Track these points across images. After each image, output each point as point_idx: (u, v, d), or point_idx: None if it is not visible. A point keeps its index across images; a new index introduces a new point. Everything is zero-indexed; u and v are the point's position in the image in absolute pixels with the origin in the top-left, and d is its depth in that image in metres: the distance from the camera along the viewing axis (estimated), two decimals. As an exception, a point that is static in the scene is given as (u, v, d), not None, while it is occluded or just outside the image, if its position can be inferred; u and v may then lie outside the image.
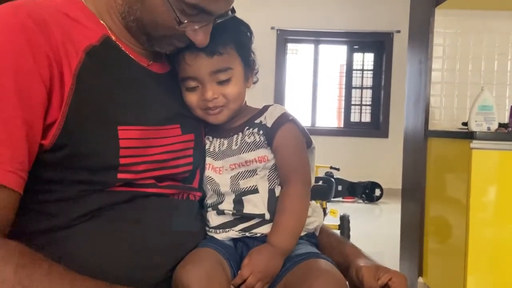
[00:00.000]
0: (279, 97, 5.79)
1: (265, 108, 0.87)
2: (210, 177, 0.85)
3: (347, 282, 0.82)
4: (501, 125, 2.08)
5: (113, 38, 0.76)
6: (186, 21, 0.73)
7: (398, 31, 5.60)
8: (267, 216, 0.81)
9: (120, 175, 0.71)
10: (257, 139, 0.83)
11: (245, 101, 0.88)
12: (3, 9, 0.66)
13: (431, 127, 2.40)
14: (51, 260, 0.62)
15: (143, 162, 0.74)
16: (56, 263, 0.62)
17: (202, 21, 0.75)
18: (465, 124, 2.17)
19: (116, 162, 0.70)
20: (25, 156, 0.64)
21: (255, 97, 0.87)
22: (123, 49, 0.77)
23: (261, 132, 0.84)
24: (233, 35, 0.81)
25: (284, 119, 0.84)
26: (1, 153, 0.61)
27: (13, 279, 0.58)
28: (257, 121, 0.85)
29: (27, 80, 0.64)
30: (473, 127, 2.03)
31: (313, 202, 0.86)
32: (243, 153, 0.83)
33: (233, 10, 0.80)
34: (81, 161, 0.69)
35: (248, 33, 0.85)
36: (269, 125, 0.83)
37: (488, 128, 2.02)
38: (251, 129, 0.85)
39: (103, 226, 0.71)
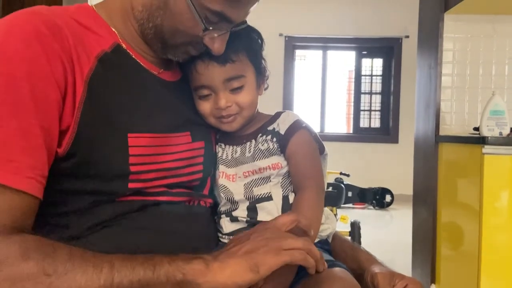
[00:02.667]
0: (287, 104, 5.79)
1: (278, 114, 0.87)
2: (224, 185, 0.85)
3: (361, 289, 0.82)
4: (513, 129, 2.07)
5: (124, 46, 0.76)
6: (211, 28, 0.73)
7: (407, 36, 5.59)
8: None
9: (130, 184, 0.71)
10: (271, 146, 0.84)
11: (257, 108, 0.89)
12: (17, 16, 0.67)
13: (442, 132, 2.38)
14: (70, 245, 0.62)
15: (153, 170, 0.74)
16: (76, 247, 0.62)
17: (221, 29, 0.75)
18: (476, 129, 2.15)
19: (126, 170, 0.71)
20: (45, 163, 0.65)
21: (264, 104, 0.87)
22: (133, 57, 0.77)
23: (274, 139, 0.84)
24: (245, 43, 0.82)
25: (297, 126, 0.84)
26: (21, 160, 0.62)
27: (37, 272, 0.58)
28: (270, 128, 0.86)
29: (43, 86, 0.64)
30: (485, 132, 2.01)
31: (326, 209, 0.86)
32: (257, 160, 0.83)
33: (245, 21, 0.81)
34: (91, 170, 0.69)
35: (259, 40, 0.86)
36: (282, 132, 0.84)
37: (500, 133, 2.00)
38: (264, 136, 0.85)
39: (116, 235, 0.71)
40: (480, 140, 1.91)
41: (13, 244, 0.59)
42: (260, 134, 0.85)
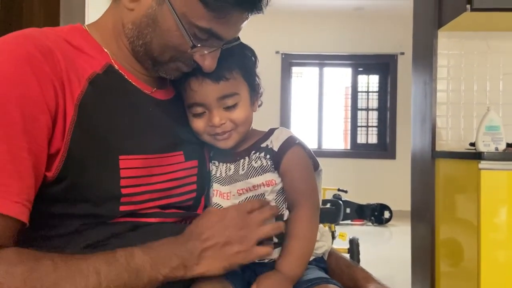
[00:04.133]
0: (285, 120, 5.81)
1: (271, 131, 0.87)
2: (218, 204, 0.84)
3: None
4: (509, 145, 2.07)
5: (116, 66, 0.76)
6: (199, 45, 0.74)
7: (402, 53, 5.65)
8: (275, 240, 0.80)
9: (122, 207, 0.71)
10: (264, 163, 0.83)
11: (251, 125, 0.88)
12: (9, 39, 0.67)
13: (438, 148, 2.38)
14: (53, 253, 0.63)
15: (145, 192, 0.73)
16: (57, 255, 0.63)
17: (212, 46, 0.76)
18: (472, 144, 2.15)
19: (117, 193, 0.70)
20: (32, 187, 0.64)
21: (261, 121, 0.87)
22: (126, 77, 0.77)
23: (267, 156, 0.83)
24: (238, 60, 0.82)
25: (291, 142, 0.84)
26: (9, 184, 0.61)
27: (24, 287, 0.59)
28: (263, 145, 0.85)
29: (33, 110, 0.64)
30: (481, 147, 2.02)
31: (321, 226, 0.86)
32: (250, 178, 0.83)
33: (238, 38, 0.81)
34: (81, 193, 0.68)
35: (253, 57, 0.86)
36: (275, 148, 0.83)
37: (496, 149, 2.01)
38: (257, 153, 0.84)
39: None
40: (476, 156, 1.91)
41: None
42: (253, 151, 0.85)
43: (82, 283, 0.61)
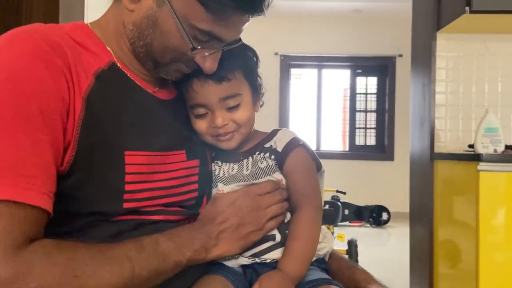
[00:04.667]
0: (283, 122, 5.81)
1: (274, 132, 0.87)
2: None
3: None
4: (507, 147, 2.08)
5: (119, 65, 0.77)
6: (199, 47, 0.74)
7: (401, 55, 5.66)
8: (278, 238, 0.81)
9: (125, 204, 0.71)
10: (270, 164, 0.83)
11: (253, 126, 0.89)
12: (16, 34, 0.67)
13: (436, 150, 2.39)
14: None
15: (148, 189, 0.73)
16: (90, 244, 0.65)
17: (212, 48, 0.76)
18: (471, 146, 2.16)
19: (122, 188, 0.70)
20: (54, 179, 0.65)
21: (260, 122, 0.87)
22: (129, 75, 0.77)
23: (272, 156, 0.84)
24: (240, 61, 0.82)
25: (295, 143, 0.84)
26: (35, 176, 0.62)
27: (66, 275, 0.61)
28: (267, 145, 0.85)
29: (50, 103, 0.64)
30: (480, 149, 2.02)
31: (323, 227, 0.86)
32: (257, 178, 0.83)
33: (239, 39, 0.81)
34: (87, 189, 0.68)
35: (254, 58, 0.86)
36: (279, 149, 0.83)
37: (495, 150, 2.02)
38: (262, 154, 0.84)
39: None
40: (475, 157, 1.92)
41: (35, 252, 0.60)
42: (258, 152, 0.85)
43: (117, 269, 0.65)
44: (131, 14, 0.75)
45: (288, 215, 0.83)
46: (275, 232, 0.81)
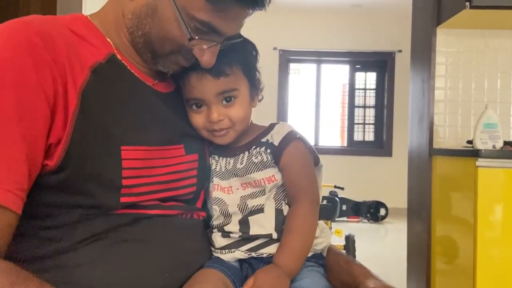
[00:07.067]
0: (282, 117, 5.81)
1: (272, 126, 0.87)
2: (219, 198, 0.84)
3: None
4: (506, 143, 2.07)
5: (119, 56, 0.76)
6: (196, 38, 0.73)
7: (400, 51, 5.65)
8: (275, 236, 0.80)
9: (122, 199, 0.70)
10: (265, 159, 0.83)
11: (251, 120, 0.88)
12: (11, 25, 0.66)
13: (435, 146, 2.39)
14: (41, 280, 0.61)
15: (145, 184, 0.73)
16: (45, 283, 0.61)
17: (211, 41, 0.75)
18: (470, 142, 2.16)
19: (118, 183, 0.69)
20: (24, 175, 0.62)
21: (258, 117, 0.87)
22: (128, 68, 0.77)
23: (268, 150, 0.83)
24: (239, 56, 0.81)
25: (291, 137, 0.83)
26: None
27: None
28: (264, 139, 0.85)
29: (30, 97, 0.63)
30: (478, 145, 2.02)
31: (321, 222, 0.85)
32: (251, 173, 0.82)
33: (240, 35, 0.81)
34: (82, 183, 0.67)
35: (254, 52, 0.85)
36: (276, 143, 0.83)
37: (494, 146, 2.01)
38: (258, 148, 0.84)
39: (107, 248, 0.70)
40: (473, 153, 1.91)
41: None
42: (254, 146, 0.85)
43: None
44: (131, 3, 0.74)
45: (286, 209, 0.82)
46: (271, 231, 0.81)
